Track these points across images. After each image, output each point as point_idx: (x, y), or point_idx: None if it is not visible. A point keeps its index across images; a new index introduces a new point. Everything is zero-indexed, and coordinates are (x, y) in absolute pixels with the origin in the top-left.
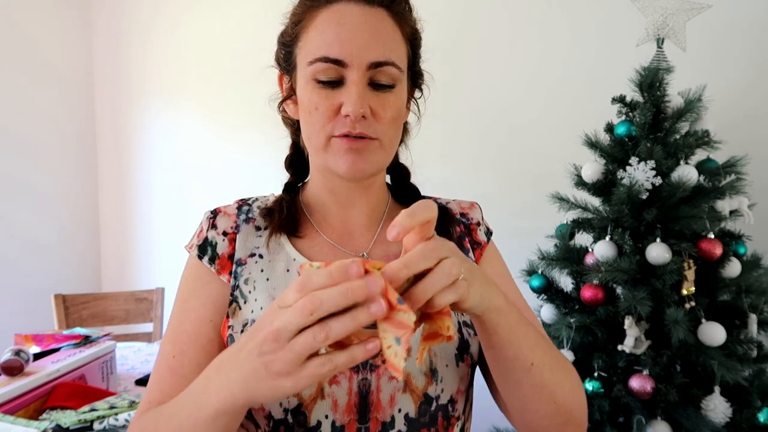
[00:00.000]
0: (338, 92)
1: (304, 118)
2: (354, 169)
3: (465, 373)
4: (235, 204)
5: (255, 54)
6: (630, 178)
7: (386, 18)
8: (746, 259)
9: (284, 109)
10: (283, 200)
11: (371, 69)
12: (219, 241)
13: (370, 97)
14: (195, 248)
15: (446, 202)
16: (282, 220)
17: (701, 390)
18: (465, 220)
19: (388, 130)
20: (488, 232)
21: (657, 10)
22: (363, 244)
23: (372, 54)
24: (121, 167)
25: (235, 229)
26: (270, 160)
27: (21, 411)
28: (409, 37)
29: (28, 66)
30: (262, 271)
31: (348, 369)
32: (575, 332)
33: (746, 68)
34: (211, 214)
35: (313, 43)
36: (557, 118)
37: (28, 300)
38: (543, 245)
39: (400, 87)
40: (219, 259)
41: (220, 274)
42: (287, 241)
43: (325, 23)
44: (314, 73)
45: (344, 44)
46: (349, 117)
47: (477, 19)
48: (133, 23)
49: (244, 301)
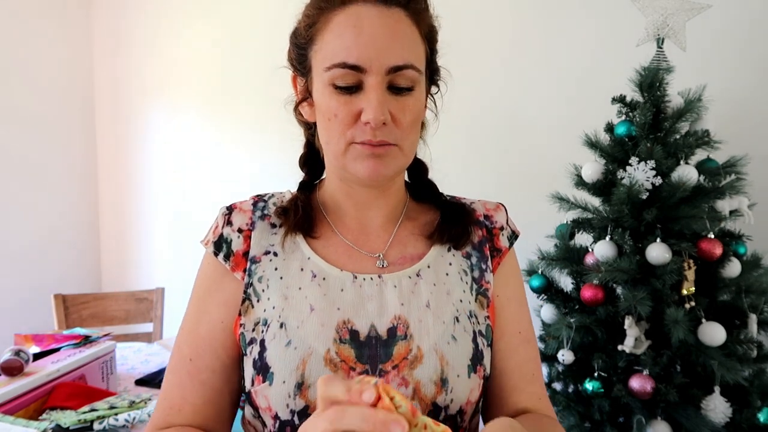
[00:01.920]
0: (357, 98)
1: (323, 123)
2: (374, 175)
3: (477, 385)
4: (250, 200)
5: (256, 53)
6: (630, 178)
7: (403, 18)
8: (746, 259)
9: (299, 111)
10: (298, 199)
11: (390, 73)
12: (234, 238)
13: (389, 102)
14: (211, 245)
15: (471, 203)
16: (297, 219)
17: (701, 390)
18: (489, 223)
19: (408, 135)
20: (513, 235)
21: (657, 10)
22: (379, 245)
23: (391, 58)
24: (122, 167)
25: (251, 226)
26: (273, 159)
27: (21, 411)
28: (426, 35)
29: (28, 66)
30: (276, 270)
31: (357, 375)
32: (575, 332)
33: (746, 68)
34: (227, 210)
35: (329, 47)
36: (557, 117)
37: (28, 300)
38: (543, 245)
39: (419, 89)
40: (234, 256)
41: (234, 271)
42: (303, 241)
43: (342, 26)
44: (332, 79)
45: (362, 49)
46: (369, 125)
47: (476, 18)
48: (133, 23)
49: (257, 299)
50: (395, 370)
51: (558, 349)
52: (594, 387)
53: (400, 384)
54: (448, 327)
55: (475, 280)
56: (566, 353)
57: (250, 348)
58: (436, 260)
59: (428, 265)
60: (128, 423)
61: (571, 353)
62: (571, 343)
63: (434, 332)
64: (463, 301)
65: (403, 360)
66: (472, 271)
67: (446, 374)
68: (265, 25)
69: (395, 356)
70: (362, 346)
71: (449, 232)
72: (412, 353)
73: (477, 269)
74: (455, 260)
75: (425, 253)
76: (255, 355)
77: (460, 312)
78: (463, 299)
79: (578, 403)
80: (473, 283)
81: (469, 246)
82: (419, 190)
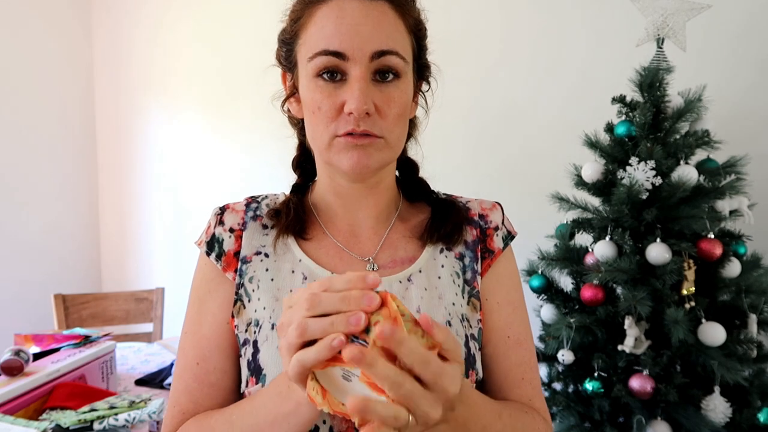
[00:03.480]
0: (341, 89)
1: (308, 117)
2: (357, 167)
3: None
4: (244, 201)
5: (256, 53)
6: (630, 178)
7: (388, 10)
8: (746, 259)
9: (289, 108)
10: (290, 201)
11: (374, 60)
12: (225, 238)
13: (374, 93)
14: (204, 244)
15: (466, 201)
16: (289, 221)
17: (701, 390)
18: (483, 223)
19: (393, 128)
20: (509, 236)
21: (657, 10)
22: (369, 248)
23: (374, 44)
24: (122, 167)
25: (242, 226)
26: (271, 159)
27: (21, 411)
28: (412, 28)
29: (28, 66)
30: (267, 271)
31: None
32: (575, 332)
33: (746, 68)
34: (219, 210)
35: (312, 38)
36: (557, 118)
37: (28, 300)
38: (543, 245)
39: (405, 80)
40: (225, 256)
41: (226, 272)
42: (294, 243)
43: (325, 18)
44: (315, 69)
45: (344, 36)
46: (353, 115)
47: (476, 18)
48: (133, 23)
49: (248, 299)
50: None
51: (558, 349)
52: (594, 387)
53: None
54: None
55: (467, 282)
56: (566, 353)
57: (244, 349)
58: (427, 263)
59: (420, 269)
60: (128, 423)
61: (571, 353)
62: (571, 343)
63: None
64: (455, 305)
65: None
66: (464, 273)
67: None
68: (265, 25)
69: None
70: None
71: (439, 230)
72: None
73: (469, 270)
74: (447, 262)
75: (417, 255)
76: (249, 357)
77: (452, 316)
78: (456, 302)
79: (578, 403)
80: (465, 285)
81: (462, 246)
82: (411, 189)
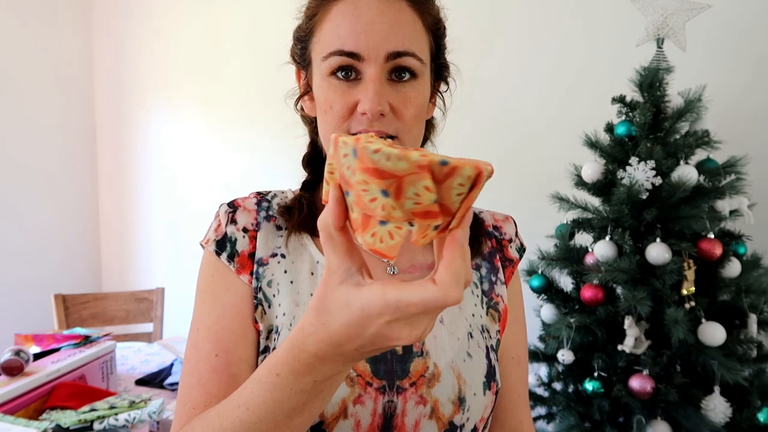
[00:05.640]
0: (355, 89)
1: (320, 116)
2: None
3: (490, 401)
4: (253, 198)
5: (256, 52)
6: (630, 178)
7: (405, 8)
8: (746, 259)
9: (302, 107)
10: (302, 197)
11: (389, 60)
12: (239, 238)
13: (389, 93)
14: (212, 243)
15: (479, 212)
16: (302, 218)
17: (701, 390)
18: (498, 234)
19: (409, 128)
20: (521, 248)
21: (657, 10)
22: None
23: (390, 44)
24: (121, 167)
25: (256, 227)
26: (271, 159)
27: (21, 411)
28: (431, 27)
29: (28, 66)
30: (285, 272)
31: (374, 390)
32: (575, 332)
33: (746, 68)
34: (230, 208)
35: (327, 36)
36: (557, 118)
37: (28, 300)
38: (543, 245)
39: (422, 81)
40: (239, 257)
41: (240, 274)
42: (310, 242)
43: (340, 16)
44: (329, 68)
45: (360, 36)
46: (366, 115)
47: (476, 18)
48: (133, 22)
49: (268, 305)
50: (413, 388)
51: (558, 349)
52: (594, 387)
53: (419, 402)
54: (462, 343)
55: (484, 293)
56: (566, 353)
57: (262, 357)
58: None
59: None
60: (128, 423)
61: (571, 353)
62: (571, 343)
63: (450, 349)
64: (475, 316)
65: (421, 377)
66: (481, 283)
67: (464, 393)
68: (265, 26)
69: (412, 373)
70: (377, 360)
71: None
72: (429, 371)
73: (487, 281)
74: None
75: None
76: None
77: (473, 327)
78: (475, 313)
79: (578, 403)
80: (483, 296)
81: (479, 257)
82: None
